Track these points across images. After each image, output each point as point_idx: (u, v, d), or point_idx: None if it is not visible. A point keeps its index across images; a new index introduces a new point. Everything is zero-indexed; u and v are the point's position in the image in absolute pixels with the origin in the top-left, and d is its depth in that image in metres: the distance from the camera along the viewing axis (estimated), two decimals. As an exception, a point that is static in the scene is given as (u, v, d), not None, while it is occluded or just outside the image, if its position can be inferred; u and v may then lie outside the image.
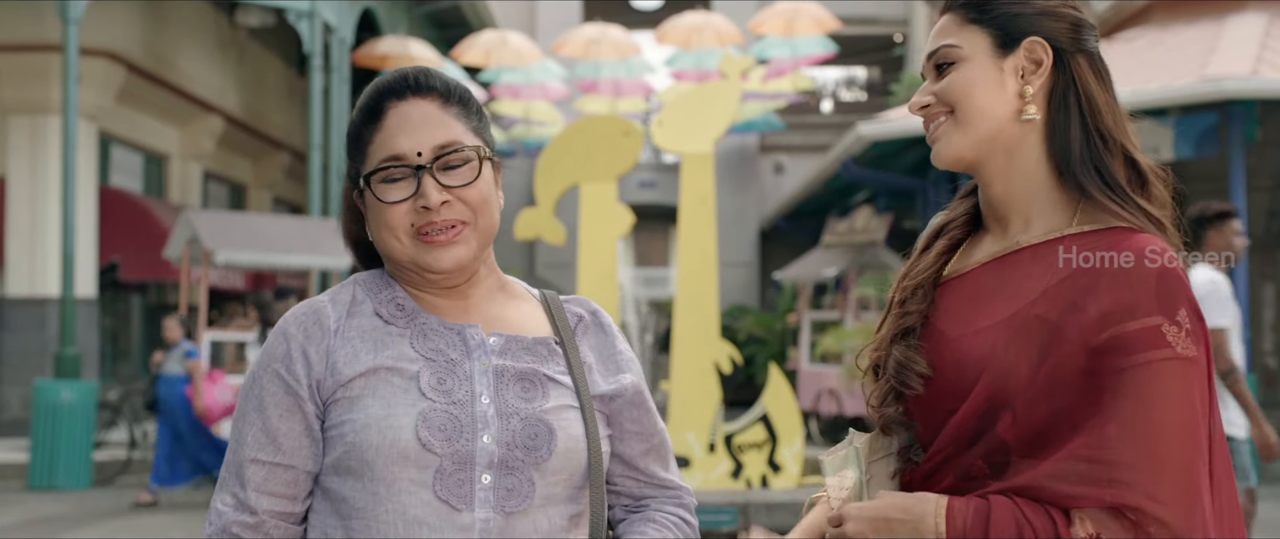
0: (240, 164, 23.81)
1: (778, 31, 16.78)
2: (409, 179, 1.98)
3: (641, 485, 2.15)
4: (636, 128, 10.85)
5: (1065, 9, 1.98)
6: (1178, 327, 1.77)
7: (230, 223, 15.95)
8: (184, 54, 19.53)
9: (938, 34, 2.03)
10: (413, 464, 1.88)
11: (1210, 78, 13.60)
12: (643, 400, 2.12)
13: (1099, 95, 1.96)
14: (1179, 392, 1.76)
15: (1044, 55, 1.95)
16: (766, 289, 29.85)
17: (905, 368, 1.97)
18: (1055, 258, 1.89)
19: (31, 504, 12.16)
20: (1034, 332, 1.84)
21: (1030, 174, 1.96)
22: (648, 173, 28.99)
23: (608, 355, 2.12)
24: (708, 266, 10.45)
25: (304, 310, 2.03)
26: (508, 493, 1.91)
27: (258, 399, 1.97)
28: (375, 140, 2.01)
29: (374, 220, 2.01)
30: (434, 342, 1.99)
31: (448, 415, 1.91)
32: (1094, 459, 1.75)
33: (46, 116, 16.66)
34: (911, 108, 2.03)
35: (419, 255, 1.99)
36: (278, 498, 1.95)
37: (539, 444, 1.93)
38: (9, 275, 16.77)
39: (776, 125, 20.82)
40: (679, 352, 10.51)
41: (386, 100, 2.02)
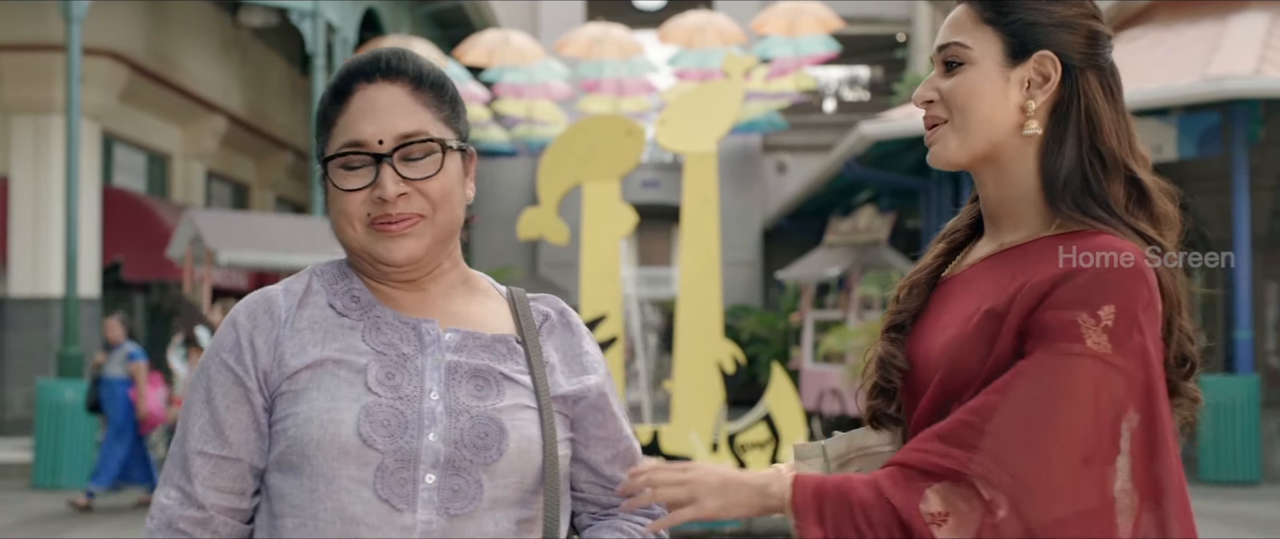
0: (243, 164, 23.81)
1: (780, 31, 16.78)
2: (368, 167, 1.89)
3: (608, 493, 2.05)
4: (639, 127, 10.84)
5: (1084, 20, 1.95)
6: (1097, 322, 1.76)
7: (233, 222, 15.96)
8: (187, 54, 19.54)
9: (953, 26, 1.98)
10: (353, 460, 1.80)
11: (1213, 77, 13.60)
12: (607, 404, 2.02)
13: (1105, 113, 1.93)
14: (1079, 387, 1.75)
15: (1053, 71, 1.92)
16: (769, 288, 29.85)
17: (886, 362, 2.00)
18: (1024, 260, 1.89)
19: (35, 503, 12.17)
20: (986, 325, 1.86)
21: (1023, 185, 1.95)
22: (650, 172, 28.99)
23: (573, 356, 2.02)
24: (710, 266, 10.44)
25: (256, 299, 1.95)
26: (453, 494, 1.82)
27: (206, 389, 1.90)
28: (339, 123, 1.92)
29: (332, 206, 1.93)
30: (387, 335, 1.91)
31: (393, 411, 1.83)
32: (972, 424, 1.76)
33: (50, 116, 16.67)
34: (916, 99, 2.02)
35: (371, 245, 1.90)
36: (225, 493, 1.88)
37: (489, 444, 1.84)
38: (12, 275, 16.78)
39: (779, 125, 20.84)
40: (682, 351, 10.50)
41: (355, 81, 1.93)
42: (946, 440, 1.78)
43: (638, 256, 31.47)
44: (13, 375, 16.73)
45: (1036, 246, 1.90)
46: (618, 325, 10.33)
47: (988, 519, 1.73)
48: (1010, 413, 1.76)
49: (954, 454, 1.76)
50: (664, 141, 11.00)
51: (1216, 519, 10.94)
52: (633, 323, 20.80)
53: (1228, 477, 13.47)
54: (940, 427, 1.80)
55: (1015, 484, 1.73)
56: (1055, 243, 1.87)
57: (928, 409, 1.91)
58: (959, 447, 1.76)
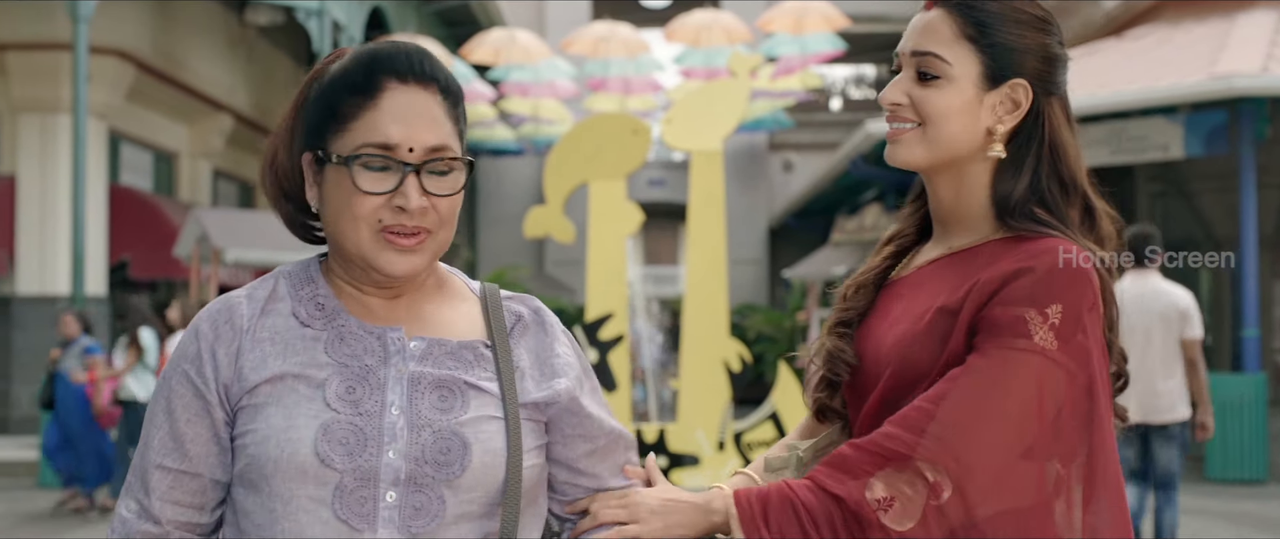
0: (250, 162, 23.82)
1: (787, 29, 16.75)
2: (392, 172, 1.81)
3: (586, 491, 1.98)
4: (645, 126, 10.85)
5: (1053, 50, 2.00)
6: (1044, 319, 1.82)
7: (240, 221, 15.97)
8: (194, 52, 19.56)
9: (930, 34, 1.99)
10: (311, 480, 1.75)
11: (1220, 75, 13.58)
12: (579, 407, 1.93)
13: (1067, 141, 2.00)
14: (1024, 382, 1.81)
15: (1024, 99, 1.97)
16: (776, 287, 29.84)
17: (835, 357, 2.05)
18: (975, 261, 1.95)
19: (41, 501, 12.19)
20: (938, 323, 1.91)
21: (976, 196, 2.01)
22: (657, 171, 28.98)
23: (544, 358, 1.94)
24: (717, 264, 10.45)
25: (218, 307, 1.89)
26: (415, 512, 1.77)
27: (166, 401, 1.85)
28: (363, 118, 1.81)
29: (336, 203, 1.83)
30: (350, 346, 1.84)
31: (351, 428, 1.77)
32: (925, 410, 1.82)
33: (56, 115, 16.69)
34: (884, 101, 2.04)
35: (375, 254, 1.83)
36: (183, 507, 1.84)
37: (451, 459, 1.78)
38: (19, 273, 16.80)
39: (785, 123, 20.80)
40: (688, 349, 10.51)
41: (386, 77, 1.83)
42: (898, 424, 1.84)
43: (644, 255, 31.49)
44: (19, 374, 16.75)
45: (987, 249, 1.96)
46: (624, 324, 10.34)
47: (932, 501, 1.79)
48: (957, 402, 1.81)
49: (903, 437, 1.82)
50: (670, 140, 11.01)
51: (1223, 518, 10.93)
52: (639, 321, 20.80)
53: (1234, 475, 13.45)
54: (899, 415, 1.85)
55: (959, 469, 1.79)
56: (1005, 245, 1.94)
57: (877, 404, 1.96)
58: (908, 431, 1.82)
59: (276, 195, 1.97)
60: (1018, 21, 1.97)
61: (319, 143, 1.86)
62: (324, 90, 1.87)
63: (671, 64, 18.96)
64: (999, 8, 1.97)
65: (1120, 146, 14.77)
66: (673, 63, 18.78)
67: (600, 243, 10.48)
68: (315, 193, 1.89)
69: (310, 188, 1.89)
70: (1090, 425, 1.86)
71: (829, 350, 2.06)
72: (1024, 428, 1.81)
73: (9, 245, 16.75)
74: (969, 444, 1.79)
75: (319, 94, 1.88)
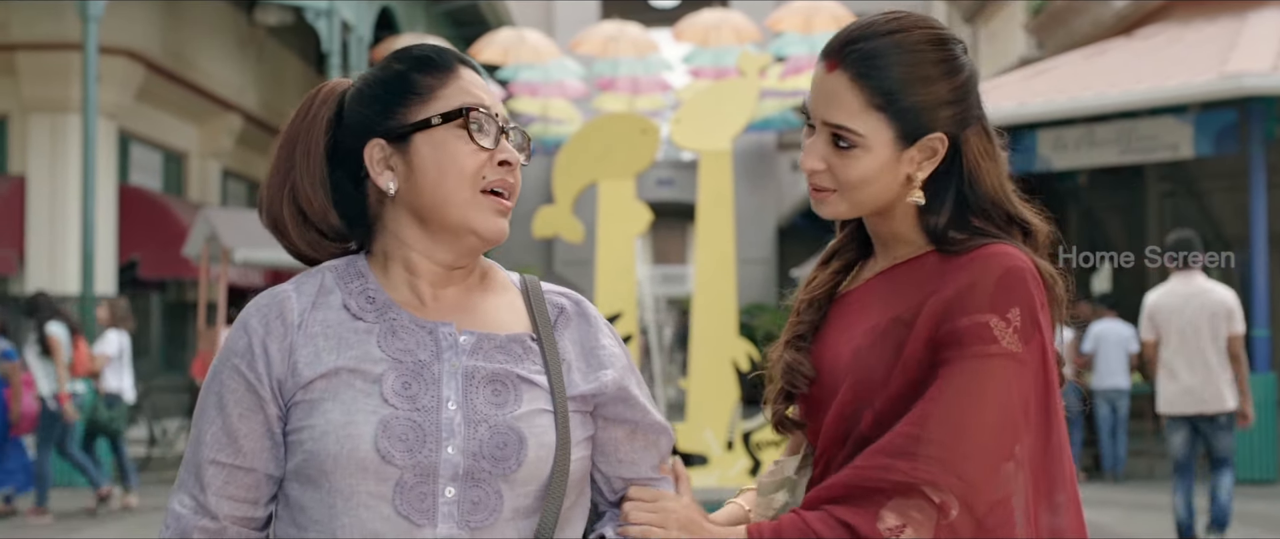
0: (259, 162, 23.83)
1: (796, 29, 16.76)
2: (492, 131, 1.89)
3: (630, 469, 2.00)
4: (654, 125, 10.84)
5: (959, 82, 1.99)
6: (1007, 323, 1.88)
7: (249, 221, 15.97)
8: (203, 52, 19.59)
9: (836, 103, 1.98)
10: (372, 476, 1.77)
11: (1230, 74, 13.55)
12: (628, 394, 1.96)
13: (985, 168, 2.01)
14: (998, 384, 1.87)
15: (939, 147, 1.99)
16: (784, 286, 29.81)
17: (793, 370, 2.08)
18: (924, 271, 1.99)
19: (52, 500, 12.20)
20: (892, 333, 1.96)
21: (906, 225, 2.05)
22: (666, 170, 28.98)
23: (589, 349, 1.97)
24: (726, 264, 10.43)
25: (267, 301, 1.90)
26: (473, 507, 1.79)
27: (218, 396, 1.86)
28: (449, 87, 1.89)
29: (439, 167, 1.86)
30: (403, 340, 1.86)
31: (411, 424, 1.79)
32: (910, 435, 1.86)
33: (66, 115, 16.72)
34: (803, 166, 2.05)
35: (475, 213, 1.87)
36: (239, 503, 1.84)
37: (507, 454, 1.81)
38: (29, 273, 16.83)
39: (795, 123, 20.77)
40: (697, 349, 10.50)
41: (454, 60, 1.93)
42: (889, 455, 1.87)
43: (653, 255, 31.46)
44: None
45: (930, 259, 2.01)
46: (633, 323, 10.34)
47: (943, 521, 1.83)
48: (942, 418, 1.86)
49: (898, 466, 1.85)
50: (679, 140, 11.00)
51: (1234, 519, 10.90)
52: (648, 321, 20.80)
53: (1244, 475, 13.41)
54: (882, 443, 1.88)
55: (962, 485, 1.84)
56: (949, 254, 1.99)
57: (836, 416, 2.00)
58: (902, 458, 1.85)
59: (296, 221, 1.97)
60: (922, 79, 1.96)
61: (393, 123, 1.90)
62: (388, 78, 1.93)
63: (680, 63, 18.98)
64: (902, 71, 1.95)
65: (1130, 146, 14.75)
66: (681, 62, 18.80)
67: (609, 242, 10.48)
68: (390, 175, 1.90)
69: (382, 173, 1.90)
70: (1048, 419, 1.92)
71: (787, 363, 2.10)
72: (1006, 430, 1.87)
73: (19, 245, 16.78)
74: (965, 460, 1.84)
75: (379, 84, 1.93)
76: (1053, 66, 17.67)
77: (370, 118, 1.91)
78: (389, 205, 1.92)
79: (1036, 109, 14.75)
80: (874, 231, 2.11)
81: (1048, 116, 14.78)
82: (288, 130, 1.97)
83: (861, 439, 1.94)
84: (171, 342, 20.69)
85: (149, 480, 13.75)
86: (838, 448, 1.99)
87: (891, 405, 1.92)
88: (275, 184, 1.96)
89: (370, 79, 1.95)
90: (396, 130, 1.89)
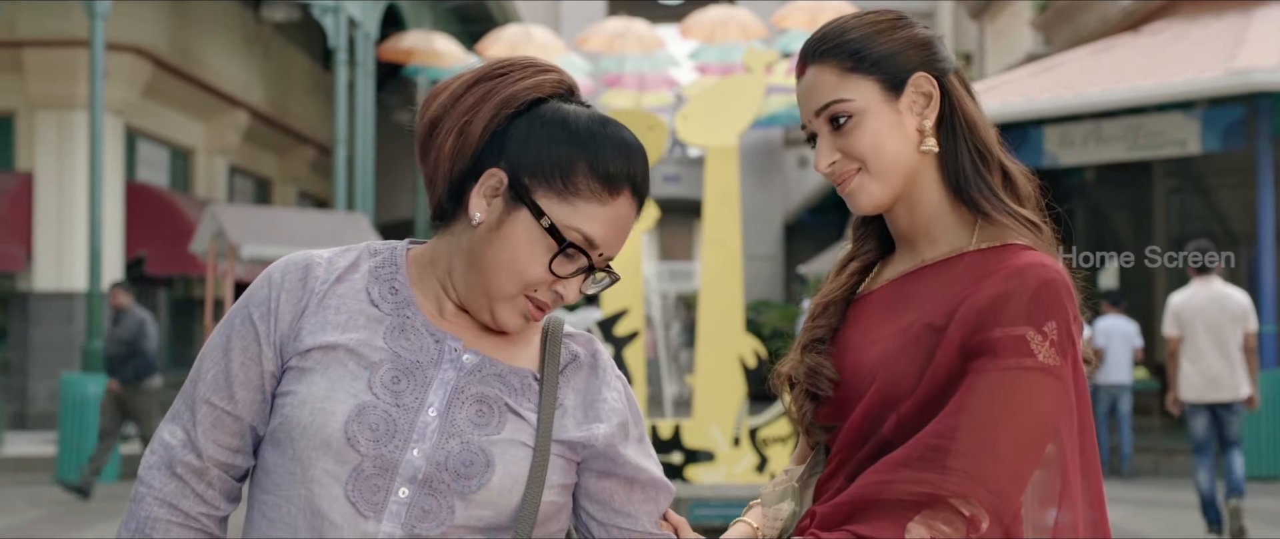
0: (266, 158, 23.88)
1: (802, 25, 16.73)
2: (575, 267, 1.85)
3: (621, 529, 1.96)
4: (661, 122, 10.83)
5: (921, 35, 2.04)
6: (1044, 337, 1.85)
7: (256, 217, 16.01)
8: (210, 49, 19.61)
9: (817, 89, 2.03)
10: (332, 455, 1.77)
11: (1238, 70, 13.54)
12: (616, 453, 1.92)
13: (974, 112, 2.03)
14: (1033, 399, 1.85)
15: (931, 88, 2.00)
16: (791, 283, 29.82)
17: (816, 373, 2.06)
18: (955, 273, 1.97)
19: (59, 496, 12.23)
20: (923, 339, 1.93)
21: (931, 200, 2.03)
22: (672, 167, 28.99)
23: (590, 401, 1.93)
24: (732, 261, 10.43)
25: (298, 261, 1.91)
26: (423, 513, 1.78)
27: (227, 338, 1.88)
28: (590, 207, 1.84)
29: (513, 250, 1.83)
30: (409, 340, 1.86)
31: (385, 416, 1.79)
32: (938, 446, 1.83)
33: (73, 111, 16.74)
34: (818, 167, 2.06)
35: (504, 308, 1.86)
36: (223, 448, 1.86)
37: (472, 472, 1.79)
38: (36, 270, 16.86)
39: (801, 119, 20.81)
40: (703, 346, 10.50)
41: (627, 184, 1.87)
42: (914, 466, 1.84)
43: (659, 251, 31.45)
44: (37, 370, 16.82)
45: (963, 262, 1.99)
46: (639, 320, 10.34)
47: (973, 533, 1.82)
48: (974, 430, 1.83)
49: (925, 478, 1.83)
50: (685, 136, 10.99)
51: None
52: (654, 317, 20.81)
53: (1254, 473, 13.39)
54: (900, 454, 1.86)
55: (993, 497, 1.82)
56: (982, 257, 1.97)
57: (861, 419, 1.97)
58: (928, 470, 1.83)
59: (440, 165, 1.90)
60: (881, 31, 2.02)
61: (526, 179, 1.84)
62: (568, 144, 1.86)
63: (687, 60, 18.97)
64: (860, 30, 2.02)
65: (1137, 142, 14.73)
66: (688, 59, 18.78)
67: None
68: (486, 206, 1.84)
69: (480, 198, 1.85)
70: (1084, 433, 1.93)
71: (809, 367, 2.08)
72: (1038, 443, 1.86)
73: (26, 241, 16.81)
74: (997, 472, 1.82)
75: (558, 139, 1.86)
76: (1059, 63, 17.65)
77: (522, 151, 1.86)
78: (464, 222, 1.88)
79: (1043, 105, 14.74)
80: (897, 228, 2.09)
81: (1054, 113, 14.78)
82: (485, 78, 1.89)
83: (883, 442, 1.93)
84: (178, 338, 20.71)
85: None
86: (856, 450, 1.98)
87: (917, 410, 1.90)
88: (456, 114, 1.88)
89: (560, 121, 1.87)
90: (520, 188, 1.84)
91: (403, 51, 18.29)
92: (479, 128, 1.87)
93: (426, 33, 19.20)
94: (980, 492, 1.81)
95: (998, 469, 1.82)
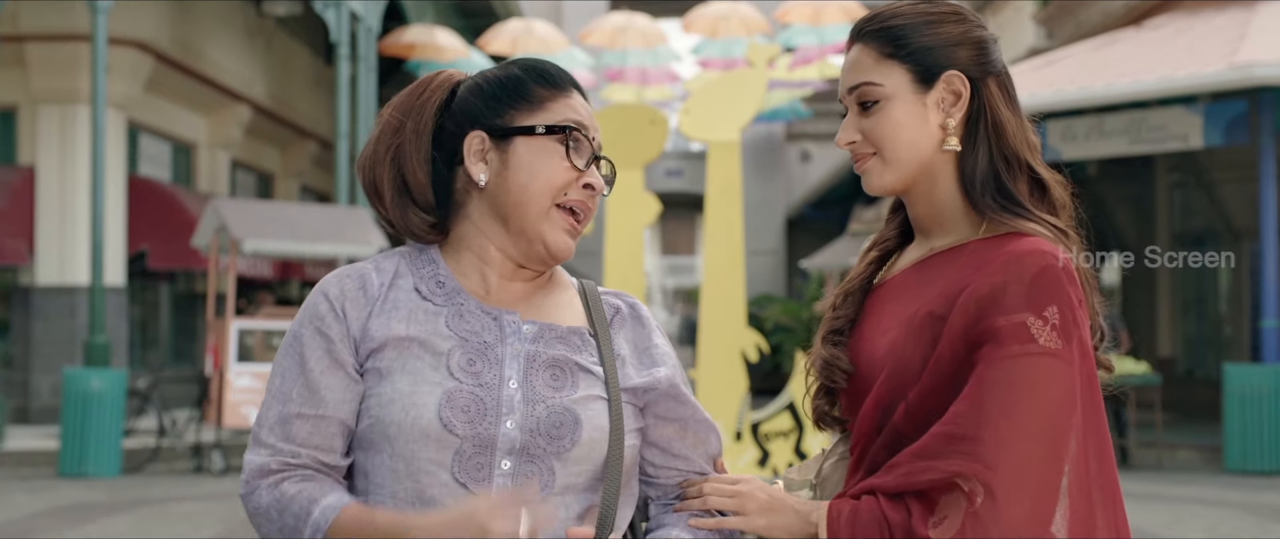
0: (268, 153, 23.87)
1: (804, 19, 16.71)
2: (586, 155, 2.01)
3: (679, 472, 2.09)
4: (663, 116, 10.83)
5: (973, 32, 2.07)
6: (1045, 322, 1.88)
7: (258, 211, 16.00)
8: (212, 43, 19.59)
9: (854, 68, 2.08)
10: (433, 444, 1.87)
11: (1240, 64, 13.52)
12: (678, 392, 2.06)
13: (1007, 118, 2.05)
14: (1038, 383, 1.87)
15: (962, 87, 2.03)
16: (793, 277, 29.83)
17: (831, 365, 2.11)
18: (959, 261, 2.01)
19: (62, 491, 12.24)
20: (927, 327, 1.97)
21: (947, 195, 2.07)
22: (674, 161, 28.98)
23: (643, 348, 2.09)
24: (734, 255, 10.43)
25: (349, 273, 2.02)
26: (527, 481, 1.89)
27: (299, 355, 1.96)
28: (558, 103, 2.02)
29: (529, 171, 1.99)
30: (469, 323, 1.97)
31: (473, 397, 1.90)
32: (950, 435, 1.87)
33: (75, 106, 16.74)
34: (839, 143, 2.12)
35: (547, 228, 1.99)
36: (323, 451, 1.94)
37: (563, 433, 1.91)
38: (39, 264, 16.86)
39: (803, 113, 20.76)
40: (706, 340, 10.50)
41: (570, 84, 2.05)
42: (926, 456, 1.89)
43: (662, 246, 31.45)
44: (39, 364, 16.82)
45: (968, 250, 2.03)
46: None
47: (969, 508, 1.85)
48: (980, 416, 1.87)
49: (936, 466, 1.87)
50: (687, 130, 10.99)
51: (1242, 510, 10.90)
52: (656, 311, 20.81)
53: (1253, 466, 13.40)
54: (918, 446, 1.90)
55: (990, 475, 1.84)
56: (985, 246, 2.01)
57: (872, 408, 2.02)
58: (938, 458, 1.88)
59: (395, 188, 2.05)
60: (929, 22, 2.05)
61: (500, 121, 2.02)
62: (506, 79, 2.05)
63: (689, 55, 18.94)
64: (908, 19, 2.06)
65: (1139, 136, 14.72)
66: (690, 53, 18.76)
67: (618, 233, 10.47)
68: (484, 167, 2.02)
69: (476, 163, 2.02)
70: (1094, 416, 1.94)
71: (825, 359, 2.12)
72: (1047, 427, 1.87)
73: (28, 236, 16.81)
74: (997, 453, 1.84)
75: (496, 83, 2.05)
76: (1062, 57, 17.64)
77: (480, 110, 2.03)
78: (475, 195, 2.03)
79: (1046, 99, 14.72)
80: (916, 217, 2.13)
81: (1057, 107, 14.76)
82: (398, 105, 2.07)
83: (896, 432, 1.96)
84: (180, 333, 20.72)
85: (158, 471, 13.79)
86: (872, 441, 2.01)
87: (922, 399, 1.94)
88: (378, 153, 2.05)
89: (489, 76, 2.06)
90: (501, 128, 2.01)
91: (405, 46, 18.26)
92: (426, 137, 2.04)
93: (428, 27, 19.16)
94: (979, 469, 1.84)
95: (999, 452, 1.84)
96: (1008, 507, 1.84)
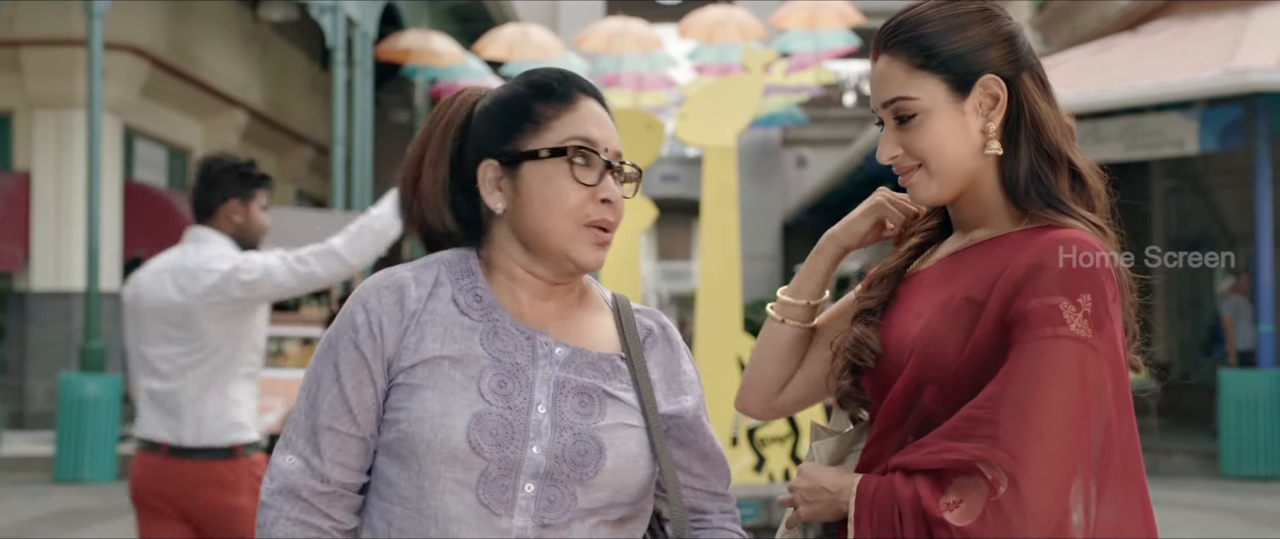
0: (264, 158, 23.80)
1: (800, 25, 16.73)
2: (594, 167, 2.00)
3: (697, 494, 2.16)
4: (659, 121, 10.83)
5: (1002, 28, 2.05)
6: (1078, 308, 1.87)
7: (254, 217, 15.97)
8: (208, 48, 19.59)
9: (886, 82, 2.05)
10: (460, 465, 1.90)
11: (1236, 70, 13.54)
12: (700, 425, 2.12)
13: (1046, 113, 2.04)
14: (1065, 368, 1.85)
15: (1000, 90, 2.01)
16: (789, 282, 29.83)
17: (861, 343, 2.10)
18: (998, 250, 2.00)
19: (57, 497, 12.23)
20: (964, 311, 1.96)
21: (990, 195, 2.06)
22: (670, 166, 28.99)
23: (672, 374, 2.11)
24: (731, 260, 10.43)
25: (387, 283, 2.02)
26: (549, 504, 1.92)
27: (334, 367, 1.98)
28: (563, 120, 2.01)
29: (544, 197, 1.99)
30: (503, 342, 1.98)
31: (501, 420, 1.92)
32: (976, 418, 1.86)
33: (71, 111, 16.71)
34: (881, 158, 2.10)
35: (576, 245, 1.99)
36: (348, 470, 1.97)
37: (587, 461, 1.94)
38: (34, 269, 16.84)
39: (799, 119, 20.79)
40: (701, 345, 10.50)
41: (578, 91, 2.04)
42: (952, 437, 1.88)
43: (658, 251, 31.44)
44: (35, 369, 16.79)
45: (1008, 240, 2.01)
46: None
47: (991, 497, 1.83)
48: (1007, 400, 1.85)
49: (960, 447, 1.86)
50: (683, 136, 11.00)
51: (1238, 515, 10.90)
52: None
53: (1250, 472, 13.41)
54: (946, 427, 1.90)
55: (1012, 461, 1.82)
56: (1026, 236, 1.98)
57: (901, 391, 2.01)
58: (963, 440, 1.86)
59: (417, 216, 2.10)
60: (956, 27, 2.02)
61: (507, 147, 2.02)
62: (510, 101, 2.04)
63: (685, 60, 18.96)
64: (935, 25, 2.03)
65: (1135, 142, 14.73)
66: (686, 59, 18.77)
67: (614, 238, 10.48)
68: (500, 196, 2.03)
69: (492, 192, 2.03)
70: (1123, 410, 1.92)
71: (855, 337, 2.11)
72: (1071, 413, 1.85)
73: (24, 241, 16.79)
74: (1019, 439, 1.83)
75: (501, 106, 2.05)
76: (1057, 62, 17.65)
77: (488, 138, 2.04)
78: (497, 221, 2.05)
79: (1041, 105, 14.72)
80: (958, 218, 2.12)
81: (1053, 112, 14.75)
82: (424, 130, 2.10)
83: (924, 414, 1.96)
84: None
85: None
86: (897, 424, 2.01)
87: (956, 382, 1.93)
88: (409, 179, 2.10)
89: (495, 99, 2.06)
90: (509, 155, 2.01)
91: (401, 51, 18.27)
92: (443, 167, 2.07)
93: (424, 32, 19.17)
94: (1001, 455, 1.83)
95: (1022, 438, 1.83)
96: (1032, 499, 1.82)
